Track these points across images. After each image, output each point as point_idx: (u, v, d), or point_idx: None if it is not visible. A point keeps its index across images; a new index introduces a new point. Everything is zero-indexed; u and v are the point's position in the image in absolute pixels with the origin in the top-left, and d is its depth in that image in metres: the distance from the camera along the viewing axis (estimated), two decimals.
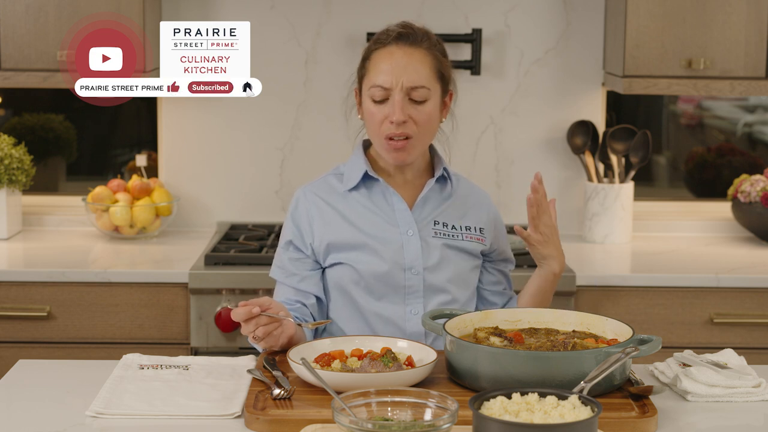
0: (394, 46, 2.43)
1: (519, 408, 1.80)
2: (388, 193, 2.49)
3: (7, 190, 3.63)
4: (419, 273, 2.44)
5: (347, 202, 2.49)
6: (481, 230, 2.54)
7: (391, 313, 2.45)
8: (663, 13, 3.47)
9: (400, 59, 2.41)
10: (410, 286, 2.45)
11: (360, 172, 2.49)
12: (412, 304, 2.45)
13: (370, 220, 2.47)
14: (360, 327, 2.46)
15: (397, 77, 2.39)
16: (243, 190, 3.86)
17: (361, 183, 2.49)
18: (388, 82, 2.39)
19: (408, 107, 2.40)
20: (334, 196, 2.50)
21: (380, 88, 2.40)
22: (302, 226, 2.49)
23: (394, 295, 2.45)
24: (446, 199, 2.54)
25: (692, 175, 4.10)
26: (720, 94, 3.52)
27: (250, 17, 3.79)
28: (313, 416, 1.95)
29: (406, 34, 2.44)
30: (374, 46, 2.46)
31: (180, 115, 3.84)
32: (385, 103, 2.41)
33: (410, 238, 2.45)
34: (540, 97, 3.85)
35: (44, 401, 2.10)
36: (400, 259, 2.43)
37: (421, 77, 2.41)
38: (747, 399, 2.11)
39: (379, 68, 2.42)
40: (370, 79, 2.43)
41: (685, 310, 3.32)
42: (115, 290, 3.28)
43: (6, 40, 3.46)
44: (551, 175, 3.87)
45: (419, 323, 2.44)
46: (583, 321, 2.28)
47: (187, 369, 2.25)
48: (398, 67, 2.40)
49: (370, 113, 2.43)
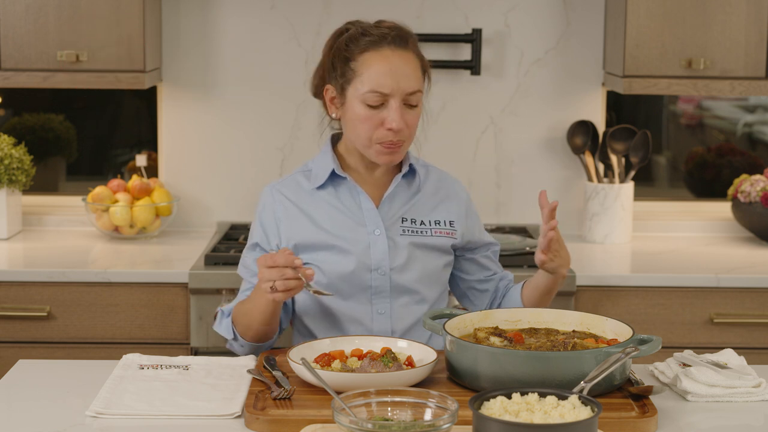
0: (388, 49, 2.39)
1: (519, 408, 1.80)
2: (356, 191, 2.47)
3: (7, 190, 3.63)
4: (386, 273, 2.43)
5: (314, 201, 2.47)
6: (451, 223, 2.52)
7: (359, 313, 2.44)
8: (663, 13, 3.47)
9: (397, 64, 2.38)
10: (377, 287, 2.44)
11: (327, 170, 2.47)
12: (378, 304, 2.44)
13: (337, 220, 2.45)
14: (328, 326, 2.46)
15: (396, 83, 2.36)
16: (243, 190, 3.86)
17: (328, 181, 2.48)
18: (388, 88, 2.36)
19: (405, 115, 2.38)
20: (301, 194, 2.48)
21: (378, 94, 2.36)
22: (268, 227, 2.48)
23: (361, 295, 2.44)
24: (415, 193, 2.52)
25: (692, 175, 4.10)
26: (720, 94, 3.52)
27: (250, 17, 3.79)
28: (313, 416, 1.95)
29: (398, 37, 2.41)
30: (363, 46, 2.40)
31: (180, 115, 3.84)
32: (380, 108, 2.38)
33: (377, 237, 2.43)
34: (540, 97, 3.85)
35: (44, 401, 2.10)
36: (367, 260, 2.42)
37: (417, 82, 2.40)
38: (747, 399, 2.11)
39: (375, 72, 2.37)
40: (364, 83, 2.37)
41: (685, 310, 3.32)
42: (115, 290, 3.28)
43: (6, 40, 3.46)
44: (551, 175, 3.87)
45: (386, 322, 2.44)
46: (583, 321, 2.28)
47: (187, 369, 2.25)
48: (397, 73, 2.37)
49: (360, 117, 2.39)
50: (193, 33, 3.80)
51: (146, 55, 3.48)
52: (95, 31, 3.45)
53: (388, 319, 2.45)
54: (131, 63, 3.47)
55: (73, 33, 3.45)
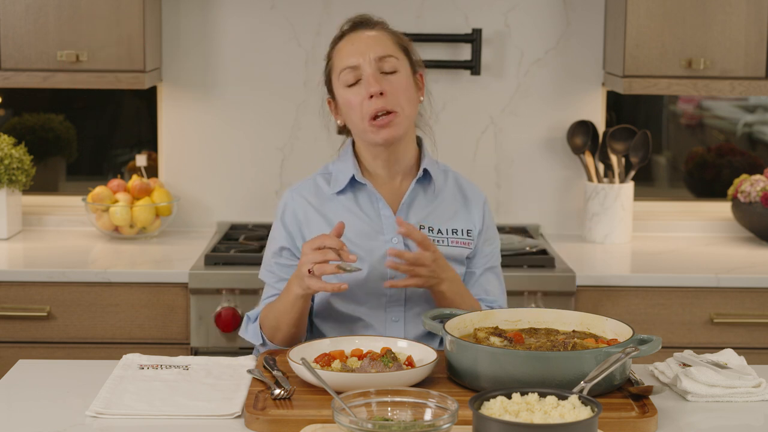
0: (353, 34, 2.46)
1: (519, 408, 1.80)
2: (375, 198, 2.47)
3: (7, 190, 3.63)
4: None
5: (333, 206, 2.47)
6: (468, 233, 2.50)
7: (372, 320, 2.44)
8: (663, 13, 3.47)
9: (362, 39, 2.43)
10: (391, 295, 2.43)
11: (348, 175, 2.47)
12: (392, 312, 2.44)
13: (355, 227, 2.44)
14: (341, 331, 2.45)
15: (362, 53, 2.40)
16: (243, 190, 3.86)
17: (348, 186, 2.47)
18: (355, 61, 2.40)
19: (381, 80, 2.39)
20: (321, 198, 2.48)
21: (349, 69, 2.40)
22: (292, 229, 2.48)
23: (376, 302, 2.43)
24: (434, 199, 2.50)
25: (692, 175, 4.10)
26: (720, 94, 3.52)
27: (250, 17, 3.79)
28: (313, 416, 1.95)
29: (361, 21, 2.48)
30: (334, 42, 2.48)
31: (180, 115, 3.84)
32: (359, 84, 2.40)
33: (394, 246, 2.43)
34: (540, 97, 3.85)
35: (44, 401, 2.10)
36: (382, 268, 2.41)
37: (385, 47, 2.42)
38: (747, 399, 2.11)
39: (343, 54, 2.43)
40: (337, 68, 2.43)
41: (685, 310, 3.32)
42: (115, 290, 3.28)
43: (6, 40, 3.46)
44: (551, 175, 3.87)
45: (399, 330, 2.44)
46: (583, 321, 2.28)
47: (187, 369, 2.25)
48: (361, 44, 2.42)
49: (347, 103, 2.41)
50: (193, 33, 3.80)
51: (146, 55, 3.48)
52: (95, 31, 3.45)
53: (402, 327, 2.44)
54: (131, 63, 3.47)
55: (73, 33, 3.45)
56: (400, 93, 2.40)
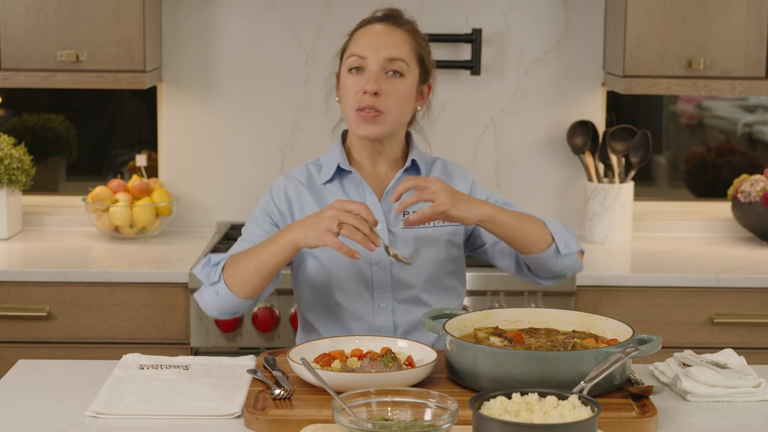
0: (378, 24, 2.46)
1: (519, 408, 1.80)
2: (361, 186, 2.48)
3: (7, 190, 3.63)
4: (386, 268, 2.43)
5: (322, 195, 2.49)
6: None
7: (361, 308, 2.44)
8: (663, 13, 3.47)
9: (381, 32, 2.43)
10: (378, 281, 2.44)
11: (334, 164, 2.49)
12: (380, 299, 2.45)
13: None
14: (330, 321, 2.46)
15: (375, 48, 2.40)
16: (243, 190, 3.86)
17: (335, 175, 2.49)
18: (366, 52, 2.40)
19: (383, 82, 2.40)
20: (311, 186, 2.50)
21: (357, 57, 2.41)
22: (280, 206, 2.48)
23: (363, 290, 2.44)
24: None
25: (692, 175, 4.10)
26: (720, 94, 3.52)
27: (250, 17, 3.79)
28: (313, 416, 1.95)
29: (392, 15, 2.48)
30: (359, 25, 2.49)
31: (180, 115, 3.84)
32: (361, 74, 2.41)
33: (379, 231, 2.42)
34: (540, 97, 3.85)
35: (44, 401, 2.10)
36: (368, 254, 2.41)
37: (400, 51, 2.42)
38: (747, 399, 2.11)
39: (359, 40, 2.44)
40: (349, 50, 2.45)
41: (685, 310, 3.32)
42: (115, 290, 3.28)
43: (6, 40, 3.46)
44: (551, 175, 3.87)
45: (388, 318, 2.44)
46: (583, 321, 2.28)
47: (187, 369, 2.25)
48: (378, 39, 2.42)
49: (345, 87, 2.43)
50: (193, 33, 3.80)
51: (146, 55, 3.48)
52: (95, 31, 3.45)
53: (390, 314, 2.44)
54: (131, 63, 3.47)
55: (73, 33, 3.45)
56: (395, 97, 2.41)
